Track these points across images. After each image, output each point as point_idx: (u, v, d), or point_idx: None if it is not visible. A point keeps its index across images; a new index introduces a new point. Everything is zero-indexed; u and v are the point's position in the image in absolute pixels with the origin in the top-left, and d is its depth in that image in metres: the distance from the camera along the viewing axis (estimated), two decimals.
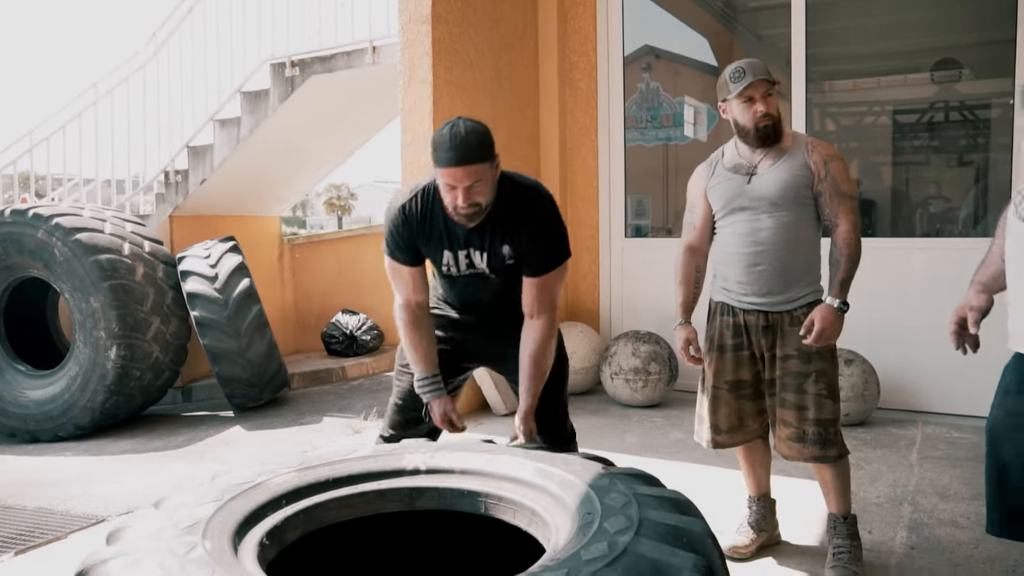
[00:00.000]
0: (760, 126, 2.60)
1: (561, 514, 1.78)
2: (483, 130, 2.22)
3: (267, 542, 1.74)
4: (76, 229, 5.18)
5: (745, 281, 2.65)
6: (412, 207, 2.36)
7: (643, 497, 1.72)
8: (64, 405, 5.25)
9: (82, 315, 5.20)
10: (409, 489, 2.02)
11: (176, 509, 1.74)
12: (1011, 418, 1.93)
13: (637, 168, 5.90)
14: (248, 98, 5.92)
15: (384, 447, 2.24)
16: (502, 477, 1.98)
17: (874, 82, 5.97)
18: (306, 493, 1.94)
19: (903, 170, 5.72)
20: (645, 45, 6.00)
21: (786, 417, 2.61)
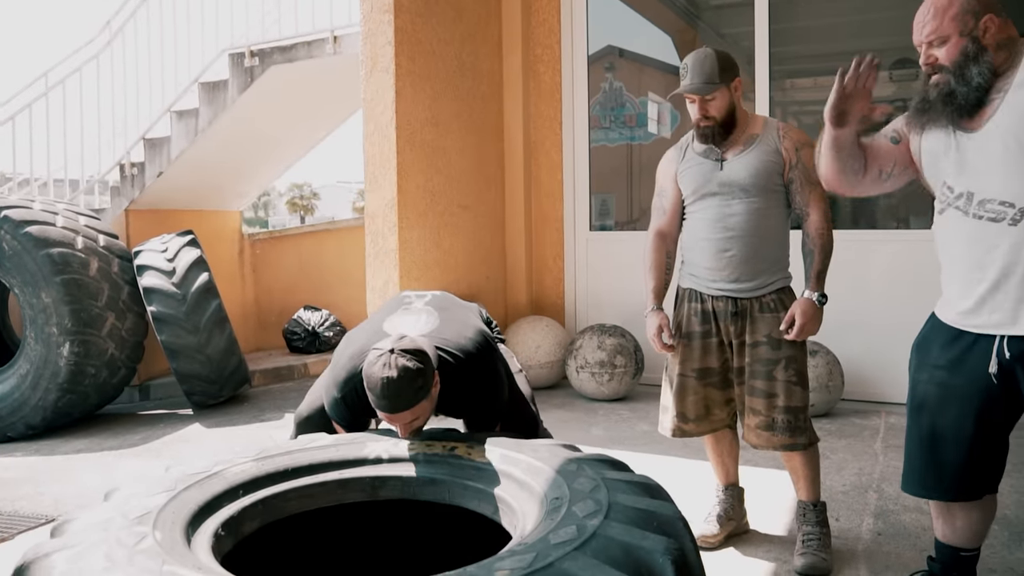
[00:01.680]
0: (700, 126, 2.61)
1: (528, 500, 1.74)
2: (417, 368, 2.08)
3: (223, 533, 1.67)
4: (26, 222, 5.00)
5: (714, 267, 2.63)
6: (353, 398, 2.36)
7: (612, 482, 1.68)
8: (14, 404, 5.06)
9: (33, 311, 5.03)
10: (371, 478, 1.96)
11: (126, 500, 1.67)
12: (938, 388, 2.02)
13: (601, 168, 5.88)
14: (206, 89, 5.79)
15: (346, 436, 2.17)
16: (467, 465, 1.93)
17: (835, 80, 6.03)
18: (265, 483, 1.88)
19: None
20: (608, 45, 5.98)
21: (755, 405, 2.59)
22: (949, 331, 2.03)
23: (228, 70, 5.69)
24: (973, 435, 1.98)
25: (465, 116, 5.26)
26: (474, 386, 2.38)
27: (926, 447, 2.07)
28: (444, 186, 5.06)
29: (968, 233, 1.95)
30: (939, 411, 2.03)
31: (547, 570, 1.30)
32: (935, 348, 2.06)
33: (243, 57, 5.61)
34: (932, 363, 2.05)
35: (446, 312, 2.55)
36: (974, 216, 1.93)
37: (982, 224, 1.91)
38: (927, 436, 2.06)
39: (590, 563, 1.33)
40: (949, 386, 2.00)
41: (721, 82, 2.54)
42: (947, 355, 2.01)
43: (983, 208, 1.91)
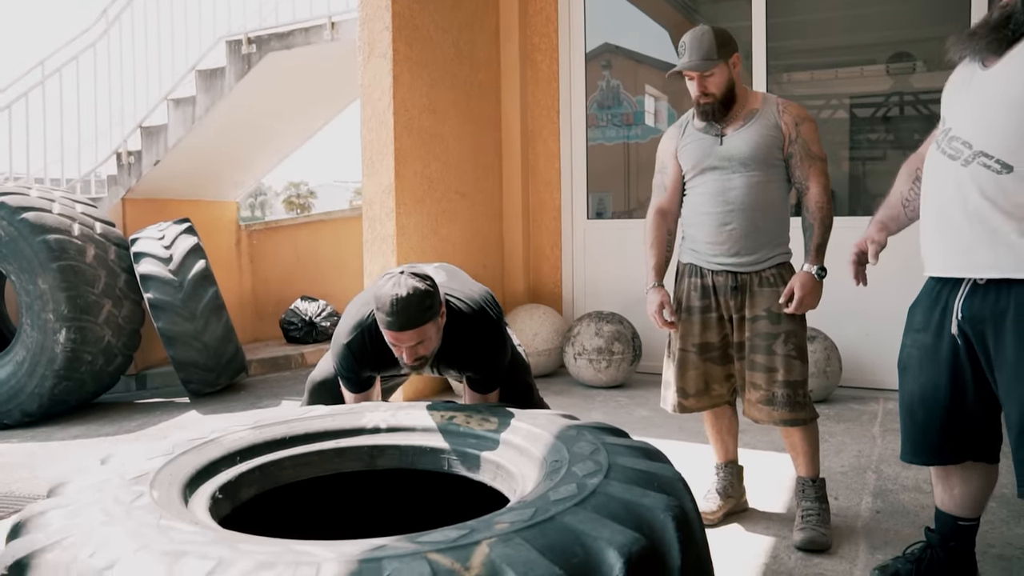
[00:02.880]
0: (700, 103, 2.62)
1: (527, 464, 1.74)
2: (426, 289, 2.15)
3: (220, 496, 1.67)
4: (23, 208, 4.99)
5: (714, 241, 2.63)
6: (359, 343, 2.38)
7: (612, 446, 1.67)
8: (10, 391, 5.05)
9: (29, 297, 5.01)
10: (369, 447, 1.95)
11: (123, 463, 1.66)
12: (918, 351, 2.05)
13: (598, 166, 5.88)
14: (203, 76, 5.77)
15: (344, 407, 2.17)
16: (465, 433, 1.93)
17: (831, 73, 6.03)
18: (262, 450, 1.88)
19: (859, 160, 5.79)
20: (605, 43, 5.98)
21: (755, 379, 2.59)
22: (931, 291, 2.05)
23: (225, 57, 5.67)
24: (947, 396, 2.00)
25: (463, 104, 5.25)
26: (479, 337, 2.38)
27: (906, 409, 2.10)
28: (442, 173, 5.05)
29: (932, 168, 1.99)
30: (918, 373, 2.06)
31: (548, 523, 1.29)
32: (918, 312, 2.09)
33: (240, 44, 5.59)
34: (915, 327, 2.09)
35: (453, 273, 2.60)
36: (942, 152, 1.95)
37: (943, 160, 1.93)
38: (907, 399, 2.10)
39: (591, 517, 1.32)
40: (926, 347, 2.03)
41: (719, 58, 2.55)
42: (926, 317, 2.04)
43: (950, 145, 1.92)
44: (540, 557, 1.18)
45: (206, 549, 1.21)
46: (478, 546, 1.20)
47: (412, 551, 1.18)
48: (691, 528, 1.43)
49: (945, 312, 1.99)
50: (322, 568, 1.14)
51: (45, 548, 1.25)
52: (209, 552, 1.20)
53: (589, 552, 1.22)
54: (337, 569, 1.13)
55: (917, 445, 2.11)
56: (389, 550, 1.19)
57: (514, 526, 1.28)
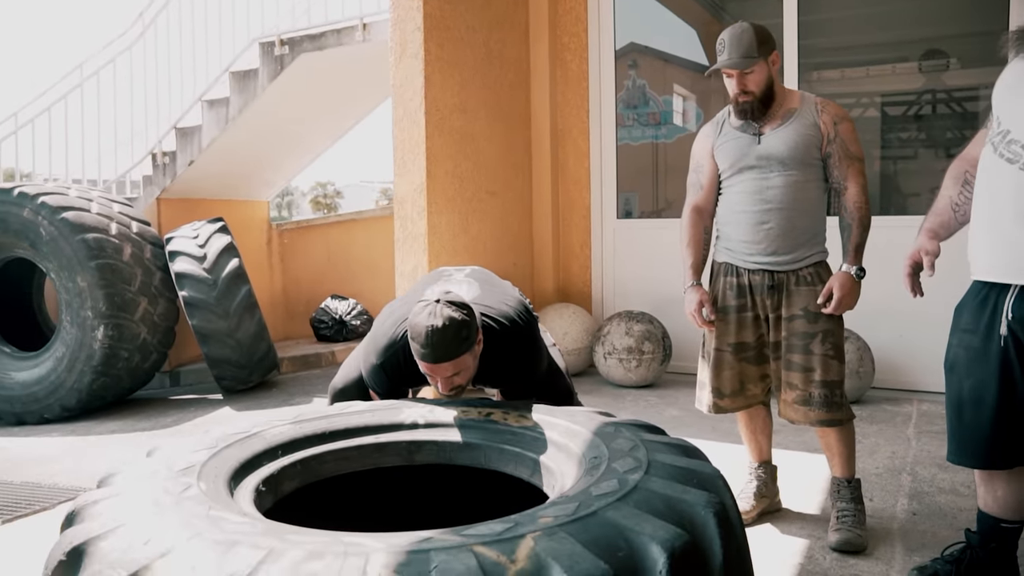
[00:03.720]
0: (739, 101, 2.60)
1: (566, 461, 1.75)
2: (463, 319, 2.12)
3: (263, 489, 1.70)
4: (62, 208, 5.09)
5: (751, 240, 2.62)
6: (394, 364, 2.36)
7: (650, 443, 1.68)
8: (50, 386, 5.16)
9: (68, 295, 5.12)
10: (407, 443, 1.97)
11: (169, 456, 1.70)
12: (966, 351, 2.03)
13: (624, 166, 5.87)
14: (237, 78, 5.85)
15: (382, 402, 2.19)
16: (503, 429, 1.94)
17: (863, 71, 5.98)
18: (302, 445, 1.89)
19: (892, 159, 5.73)
20: (631, 42, 5.97)
21: (792, 379, 2.58)
22: (978, 292, 2.03)
23: (259, 59, 5.75)
24: (996, 398, 1.98)
25: (493, 103, 5.27)
26: (515, 353, 2.37)
27: (954, 410, 2.08)
28: (472, 172, 5.07)
29: (987, 170, 1.96)
30: (965, 374, 2.04)
31: (591, 518, 1.30)
32: (965, 313, 2.07)
33: (273, 46, 5.67)
34: (963, 327, 2.06)
35: (486, 283, 2.57)
36: (999, 155, 1.92)
37: (1000, 163, 1.91)
38: (955, 400, 2.08)
39: (633, 512, 1.33)
40: (974, 349, 2.01)
41: (759, 56, 2.53)
42: (974, 318, 2.02)
43: (1008, 148, 1.89)
44: (585, 551, 1.19)
45: (256, 539, 1.24)
46: (523, 539, 1.21)
47: (458, 543, 1.20)
48: (732, 524, 1.43)
49: (995, 314, 1.97)
50: (371, 558, 1.16)
51: (100, 536, 1.29)
52: (260, 542, 1.22)
53: (633, 547, 1.23)
54: (386, 559, 1.15)
55: (964, 446, 2.09)
56: (436, 542, 1.21)
57: (558, 520, 1.29)
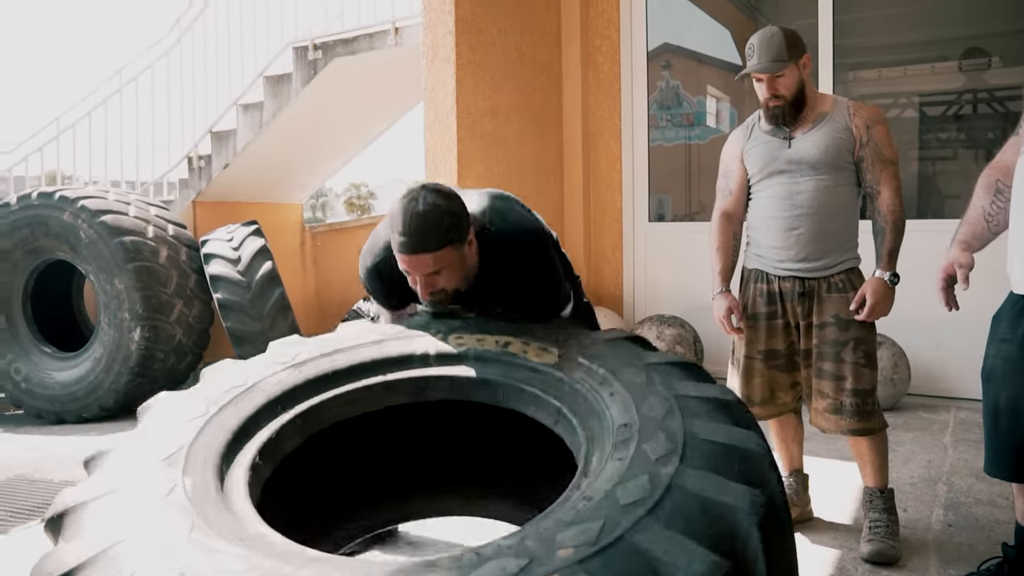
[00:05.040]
0: (769, 106, 2.57)
1: (592, 420, 1.57)
2: (447, 206, 1.84)
3: (260, 461, 1.59)
4: (101, 211, 5.20)
5: (782, 246, 2.58)
6: (383, 267, 2.08)
7: (686, 401, 1.51)
8: (89, 386, 5.27)
9: (107, 296, 5.22)
10: (418, 378, 1.80)
11: (158, 431, 1.58)
12: (1003, 361, 1.99)
13: (657, 168, 5.84)
14: (271, 82, 5.92)
15: (390, 329, 1.95)
16: (522, 365, 1.75)
17: (900, 71, 5.88)
18: (304, 393, 1.74)
19: (930, 160, 5.63)
20: (664, 43, 5.94)
21: (823, 388, 2.54)
22: (1015, 303, 1.99)
23: (292, 63, 5.81)
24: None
25: (524, 106, 5.27)
26: (525, 267, 2.01)
27: (991, 420, 2.05)
28: (504, 176, 5.08)
29: (1021, 183, 1.91)
30: (1003, 385, 2.00)
31: (617, 547, 1.18)
32: (1004, 322, 2.03)
33: (307, 50, 5.73)
34: (1000, 336, 2.03)
35: (504, 197, 2.20)
36: None
37: None
38: (992, 411, 2.04)
39: (664, 536, 1.20)
40: (1011, 359, 1.97)
41: (789, 59, 2.50)
42: (1013, 327, 1.98)
43: None
44: None
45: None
46: None
47: None
48: (778, 529, 1.31)
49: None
50: None
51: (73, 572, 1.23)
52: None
53: None
54: None
55: (1001, 457, 2.05)
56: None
57: (579, 553, 1.17)
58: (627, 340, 1.79)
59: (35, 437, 4.89)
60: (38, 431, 5.09)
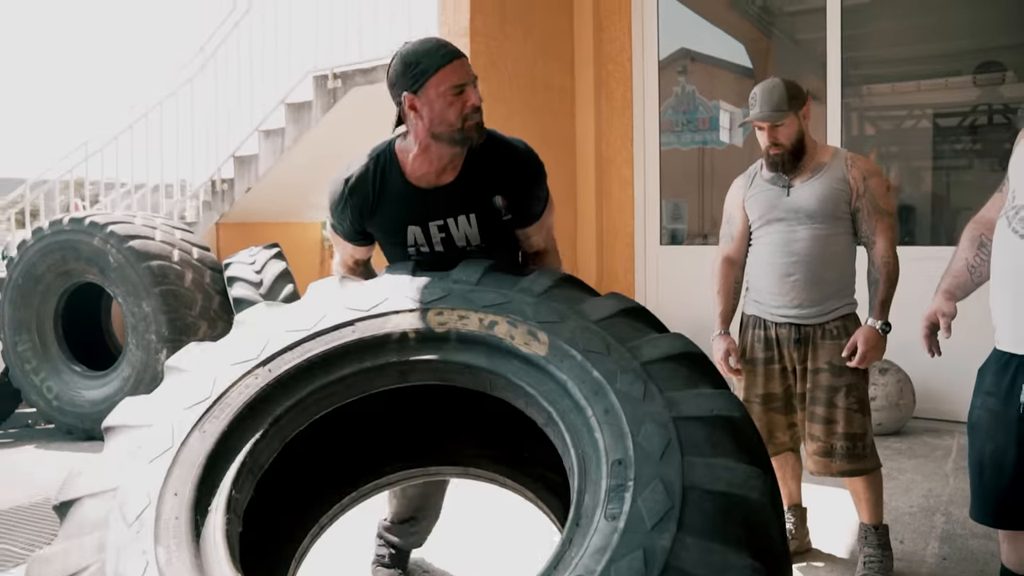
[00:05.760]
0: (770, 154, 2.67)
1: (584, 437, 1.47)
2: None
3: (237, 495, 1.50)
4: (129, 236, 5.37)
5: (778, 292, 2.69)
6: (359, 177, 2.07)
7: (686, 425, 1.41)
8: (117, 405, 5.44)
9: (134, 319, 5.40)
10: (399, 363, 1.71)
11: (125, 489, 1.44)
12: (988, 414, 2.06)
13: (673, 172, 5.95)
14: (292, 109, 6.09)
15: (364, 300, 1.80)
16: (508, 351, 1.63)
17: (914, 85, 5.94)
18: (279, 397, 1.63)
19: (943, 175, 5.68)
20: (681, 48, 6.04)
21: (814, 431, 2.65)
22: (1000, 358, 2.07)
23: (312, 91, 5.98)
24: (1015, 463, 2.02)
25: (537, 131, 5.40)
26: (527, 157, 2.14)
27: (976, 470, 2.13)
28: None
29: (1002, 244, 2.00)
30: (987, 437, 2.08)
31: None
32: (988, 375, 2.11)
33: (326, 79, 5.89)
34: (985, 389, 2.10)
35: None
36: (1012, 230, 1.96)
37: (1014, 239, 1.94)
38: (976, 459, 2.12)
39: None
40: (996, 412, 2.05)
41: (789, 109, 2.60)
42: (997, 381, 2.06)
43: (1022, 224, 1.93)
44: None
45: None
46: None
47: None
48: None
49: (1015, 381, 2.00)
50: None
51: None
52: None
53: None
54: None
55: (985, 506, 2.13)
56: None
57: None
58: (622, 319, 1.67)
59: (65, 454, 5.09)
60: (68, 447, 5.28)
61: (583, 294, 1.80)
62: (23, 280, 5.66)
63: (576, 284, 1.85)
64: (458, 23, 4.82)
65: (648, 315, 1.76)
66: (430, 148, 2.00)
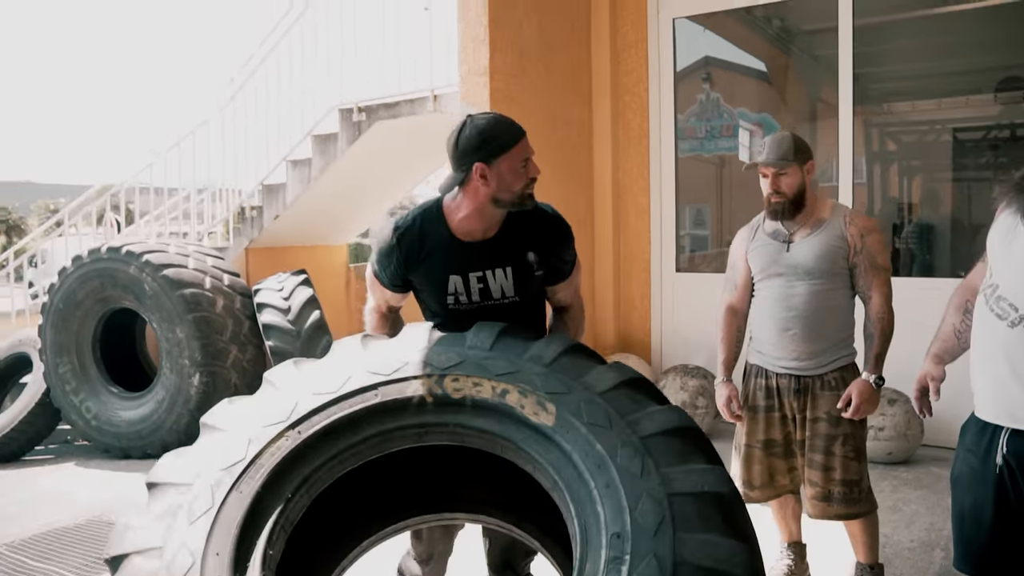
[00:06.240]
0: (770, 201, 2.79)
1: (587, 507, 1.59)
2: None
3: (271, 552, 1.64)
4: (164, 265, 5.62)
5: (778, 344, 2.81)
6: (410, 228, 2.24)
7: (679, 501, 1.54)
8: (152, 426, 5.68)
9: (169, 344, 5.64)
10: (417, 425, 1.85)
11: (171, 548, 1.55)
12: (969, 470, 2.18)
13: (697, 178, 6.09)
14: (318, 141, 6.32)
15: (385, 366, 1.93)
16: (519, 420, 1.77)
17: (934, 103, 6.02)
18: (304, 458, 1.77)
19: (964, 194, 5.71)
20: (704, 56, 6.17)
21: (813, 477, 2.78)
22: (979, 420, 2.18)
23: (338, 124, 6.20)
24: (992, 518, 2.13)
25: (555, 162, 5.55)
26: (556, 219, 2.32)
27: (957, 522, 2.26)
28: None
29: (980, 322, 2.10)
30: (967, 491, 2.20)
31: None
32: (968, 434, 2.22)
33: (351, 112, 6.11)
34: (966, 447, 2.21)
35: None
36: (989, 309, 2.06)
37: (991, 317, 2.04)
38: (957, 512, 2.25)
39: None
40: (975, 470, 2.16)
41: (795, 160, 2.73)
42: (976, 440, 2.17)
43: (997, 304, 2.03)
44: None
45: None
46: None
47: None
48: None
49: (992, 442, 2.11)
50: None
51: None
52: None
53: None
54: None
55: (968, 555, 2.24)
56: None
57: None
58: (624, 391, 1.79)
59: (105, 473, 5.35)
60: (107, 465, 5.54)
61: (589, 362, 1.92)
62: (63, 305, 5.94)
63: (583, 352, 1.98)
64: (478, 62, 5.00)
65: (647, 385, 1.89)
66: (485, 210, 2.18)
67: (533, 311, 2.34)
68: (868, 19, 5.34)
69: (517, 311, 2.24)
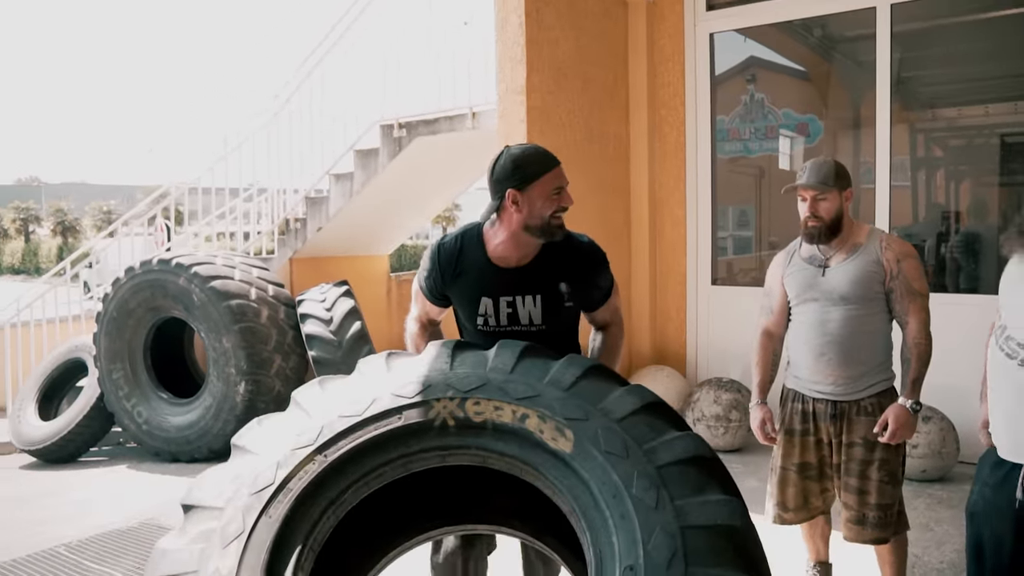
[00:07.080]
0: (807, 224, 2.80)
1: (602, 536, 1.62)
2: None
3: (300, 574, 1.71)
4: (211, 277, 5.83)
5: (813, 369, 2.82)
6: (449, 245, 2.36)
7: (692, 535, 1.56)
8: (200, 431, 5.90)
9: (216, 353, 5.84)
10: (439, 447, 1.90)
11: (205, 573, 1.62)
12: (986, 503, 2.22)
13: (742, 179, 6.09)
14: (360, 155, 6.49)
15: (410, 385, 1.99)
16: (538, 445, 1.80)
17: (982, 109, 5.96)
18: (330, 483, 1.83)
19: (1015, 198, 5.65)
20: (750, 56, 6.18)
21: (848, 500, 2.81)
22: (998, 456, 2.23)
23: (379, 139, 6.37)
24: (1011, 552, 2.17)
25: (592, 176, 5.63)
26: (590, 255, 2.40)
27: (973, 555, 2.29)
28: None
29: (993, 362, 2.15)
30: (984, 523, 2.24)
31: None
32: (986, 467, 2.26)
33: (392, 128, 6.26)
34: (983, 480, 2.26)
35: None
36: (1000, 348, 2.11)
37: (1002, 357, 2.10)
38: (974, 545, 2.28)
39: None
40: (992, 503, 2.20)
41: (834, 186, 2.74)
42: (994, 474, 2.21)
43: (1007, 344, 2.08)
44: None
45: None
46: None
47: None
48: None
49: (1009, 476, 2.15)
50: None
51: None
52: None
53: None
54: None
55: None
56: None
57: None
58: (642, 416, 1.82)
59: (155, 476, 5.58)
60: (156, 469, 5.77)
61: (609, 385, 1.93)
62: (117, 314, 6.19)
63: (602, 374, 1.99)
64: (515, 81, 5.10)
65: (666, 410, 1.89)
66: (518, 236, 2.27)
67: (562, 342, 2.38)
68: (908, 25, 5.32)
69: (544, 339, 2.27)
